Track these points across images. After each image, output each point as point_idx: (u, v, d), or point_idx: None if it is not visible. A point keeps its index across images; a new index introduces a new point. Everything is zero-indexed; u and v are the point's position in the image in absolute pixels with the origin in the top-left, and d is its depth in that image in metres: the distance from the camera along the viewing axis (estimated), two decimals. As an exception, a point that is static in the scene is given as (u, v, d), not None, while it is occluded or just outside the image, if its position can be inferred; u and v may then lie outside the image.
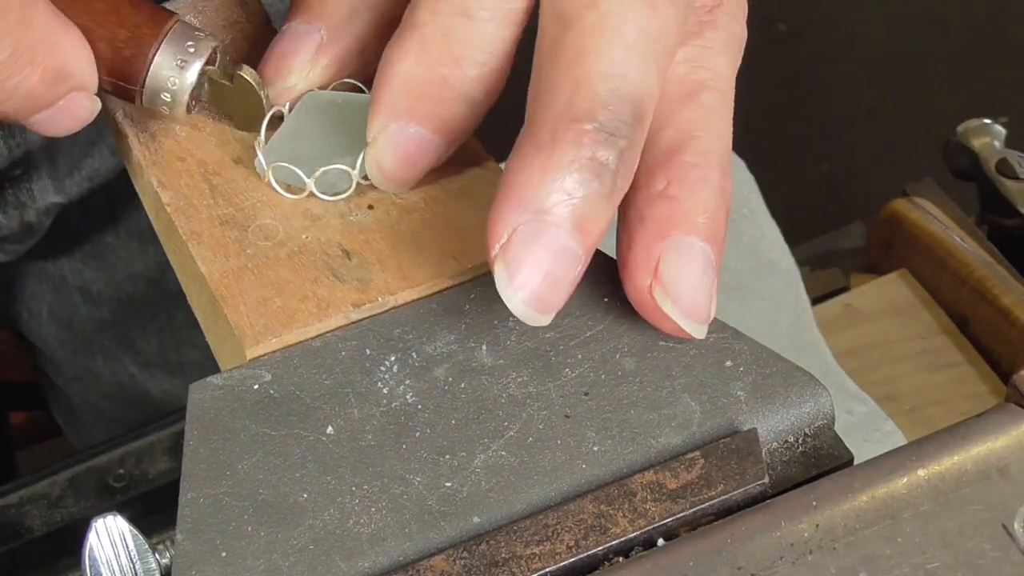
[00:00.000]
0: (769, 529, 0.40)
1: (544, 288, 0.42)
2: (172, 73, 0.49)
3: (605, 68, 0.43)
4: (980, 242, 0.77)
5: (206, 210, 0.49)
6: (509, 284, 0.42)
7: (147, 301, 0.93)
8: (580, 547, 0.40)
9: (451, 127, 0.47)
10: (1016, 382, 0.42)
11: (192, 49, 0.49)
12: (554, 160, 0.42)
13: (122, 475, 0.79)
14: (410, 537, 0.41)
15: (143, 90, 0.49)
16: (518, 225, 0.42)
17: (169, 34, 0.49)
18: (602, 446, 0.43)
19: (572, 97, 0.42)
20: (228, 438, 0.43)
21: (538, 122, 0.43)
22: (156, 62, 0.48)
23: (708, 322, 0.45)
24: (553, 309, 0.43)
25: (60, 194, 0.83)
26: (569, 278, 0.43)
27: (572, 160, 0.42)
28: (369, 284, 0.47)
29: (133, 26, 0.48)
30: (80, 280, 0.92)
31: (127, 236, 0.90)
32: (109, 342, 0.95)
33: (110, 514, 0.42)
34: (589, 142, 0.42)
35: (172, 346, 0.95)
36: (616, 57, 0.43)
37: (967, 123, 0.80)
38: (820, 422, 0.44)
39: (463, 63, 0.46)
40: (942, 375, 0.74)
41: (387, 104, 0.46)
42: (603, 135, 0.42)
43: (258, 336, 0.45)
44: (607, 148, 0.42)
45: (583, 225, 0.42)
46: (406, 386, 0.44)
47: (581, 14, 0.43)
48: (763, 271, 0.77)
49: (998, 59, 2.03)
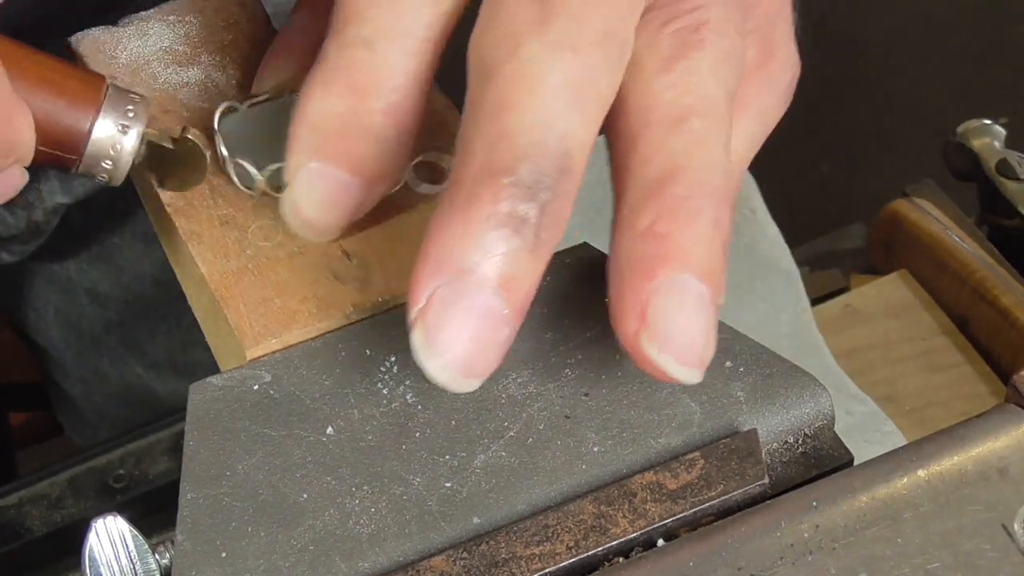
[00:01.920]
0: (769, 529, 0.40)
1: (470, 352, 0.40)
2: (114, 139, 0.47)
3: (526, 119, 0.40)
4: (980, 243, 0.77)
5: (206, 210, 0.49)
6: (428, 349, 0.40)
7: (154, 302, 0.93)
8: (580, 547, 0.40)
9: (365, 167, 0.44)
10: (1016, 383, 0.42)
11: (131, 113, 0.47)
12: (471, 217, 0.40)
13: (122, 475, 0.79)
14: (410, 537, 0.41)
15: (81, 158, 0.47)
16: (437, 287, 0.40)
17: (107, 98, 0.47)
18: (602, 446, 0.43)
19: (491, 152, 0.40)
20: (228, 438, 0.43)
21: (457, 180, 0.41)
22: (97, 128, 0.47)
23: (704, 366, 0.41)
24: (481, 375, 0.40)
25: (67, 194, 0.83)
26: (498, 340, 0.40)
27: (489, 216, 0.40)
28: (369, 284, 0.47)
29: (71, 94, 0.46)
30: (87, 281, 0.91)
31: (133, 238, 0.90)
32: (116, 343, 0.94)
33: (110, 514, 0.42)
34: (507, 196, 0.40)
35: (179, 347, 0.95)
36: (537, 107, 0.40)
37: (967, 123, 0.80)
38: (820, 422, 0.44)
39: (367, 96, 0.43)
40: (942, 376, 0.74)
41: (299, 143, 0.44)
42: (522, 189, 0.40)
43: (258, 336, 0.45)
44: (526, 202, 0.40)
45: (508, 284, 0.40)
46: (406, 386, 0.44)
47: (500, 63, 0.41)
48: (763, 271, 0.77)
49: (998, 59, 2.03)
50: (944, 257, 0.77)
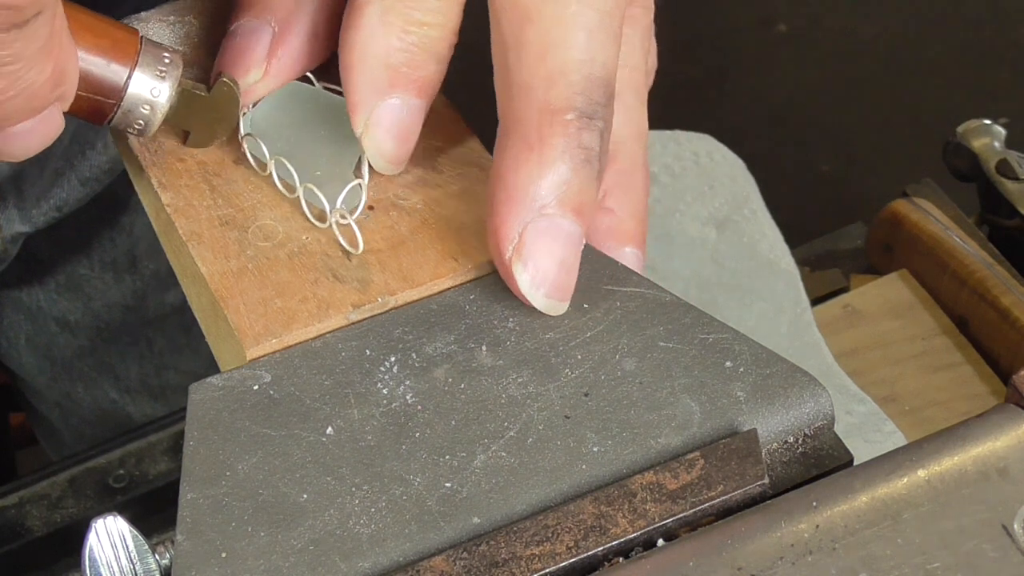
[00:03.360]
0: (769, 529, 0.40)
1: (560, 276, 0.44)
2: (153, 84, 0.48)
3: (575, 56, 0.44)
4: (980, 243, 0.77)
5: (206, 210, 0.49)
6: (530, 282, 0.44)
7: (125, 329, 0.92)
8: (580, 548, 0.40)
9: (429, 86, 0.48)
10: (1016, 382, 0.42)
11: (167, 60, 0.48)
12: (546, 155, 0.44)
13: (122, 475, 0.79)
14: (410, 538, 0.41)
15: (120, 103, 0.48)
16: (526, 223, 0.44)
17: (143, 46, 0.48)
18: (602, 447, 0.43)
19: (548, 90, 0.44)
20: (228, 438, 0.43)
21: (521, 120, 0.44)
22: (137, 73, 0.47)
23: None
24: (570, 294, 0.45)
25: (26, 223, 0.82)
26: (577, 261, 0.45)
27: (563, 151, 0.44)
28: (369, 284, 0.47)
29: (111, 39, 0.47)
30: (56, 311, 0.91)
31: (102, 268, 0.89)
32: (89, 369, 0.94)
33: (110, 514, 0.42)
34: (574, 130, 0.44)
35: (153, 371, 0.95)
36: (582, 43, 0.44)
37: (967, 124, 0.80)
38: (820, 423, 0.44)
39: (426, 24, 0.46)
40: (942, 376, 0.74)
41: (367, 84, 0.47)
42: (584, 120, 0.44)
43: (258, 337, 0.45)
44: (590, 132, 0.44)
45: (581, 209, 0.44)
46: (406, 387, 0.44)
47: (540, 4, 0.44)
48: (763, 271, 0.77)
49: (998, 59, 2.03)
50: (944, 257, 0.77)
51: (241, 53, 0.50)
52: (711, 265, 0.77)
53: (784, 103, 1.96)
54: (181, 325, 0.93)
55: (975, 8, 2.10)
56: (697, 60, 1.99)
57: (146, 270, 0.89)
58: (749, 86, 2.00)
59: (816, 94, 1.98)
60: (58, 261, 0.89)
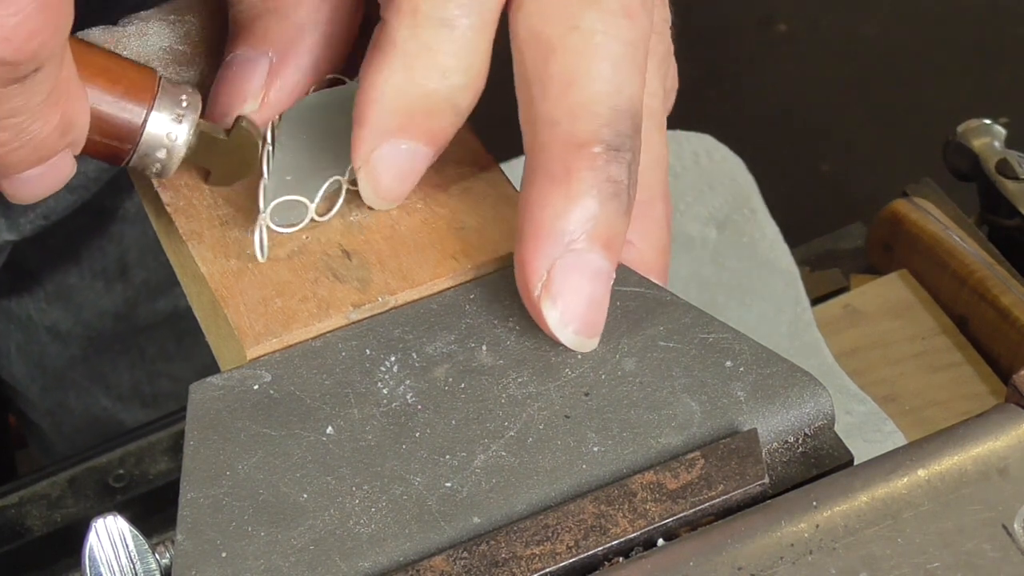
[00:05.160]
0: (769, 529, 0.40)
1: (590, 314, 0.44)
2: (170, 128, 0.47)
3: (600, 88, 0.43)
4: (980, 243, 0.77)
5: (206, 210, 0.49)
6: (559, 319, 0.43)
7: (117, 337, 0.92)
8: (580, 547, 0.40)
9: (441, 136, 0.47)
10: (1016, 382, 0.42)
11: (185, 103, 0.47)
12: (573, 189, 0.43)
13: (122, 475, 0.79)
14: (410, 537, 0.41)
15: (136, 148, 0.47)
16: (555, 260, 0.43)
17: (160, 89, 0.47)
18: (602, 446, 0.43)
19: (574, 123, 0.43)
20: (228, 438, 0.43)
21: (547, 153, 0.43)
22: (153, 117, 0.46)
23: None
24: (600, 331, 0.44)
25: (13, 232, 0.81)
26: (607, 297, 0.44)
27: (591, 185, 0.43)
28: (369, 284, 0.47)
29: (126, 83, 0.46)
30: (47, 320, 0.90)
31: (92, 277, 0.89)
32: (80, 377, 0.93)
33: (110, 514, 0.42)
34: (602, 164, 0.43)
35: (145, 379, 0.94)
36: (607, 75, 0.43)
37: (967, 123, 0.80)
38: (820, 422, 0.44)
39: (449, 74, 0.45)
40: (942, 375, 0.74)
41: (376, 125, 0.46)
42: (611, 153, 0.43)
43: (258, 336, 0.45)
44: (618, 165, 0.43)
45: (610, 243, 0.43)
46: (406, 386, 0.44)
47: (563, 36, 0.43)
48: (763, 271, 0.77)
49: (998, 59, 2.03)
50: (944, 257, 0.77)
51: (236, 84, 0.49)
52: (711, 265, 0.77)
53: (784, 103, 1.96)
54: (172, 333, 0.93)
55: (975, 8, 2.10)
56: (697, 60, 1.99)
57: (136, 278, 0.89)
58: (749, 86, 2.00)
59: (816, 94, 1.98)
60: (47, 271, 0.88)
